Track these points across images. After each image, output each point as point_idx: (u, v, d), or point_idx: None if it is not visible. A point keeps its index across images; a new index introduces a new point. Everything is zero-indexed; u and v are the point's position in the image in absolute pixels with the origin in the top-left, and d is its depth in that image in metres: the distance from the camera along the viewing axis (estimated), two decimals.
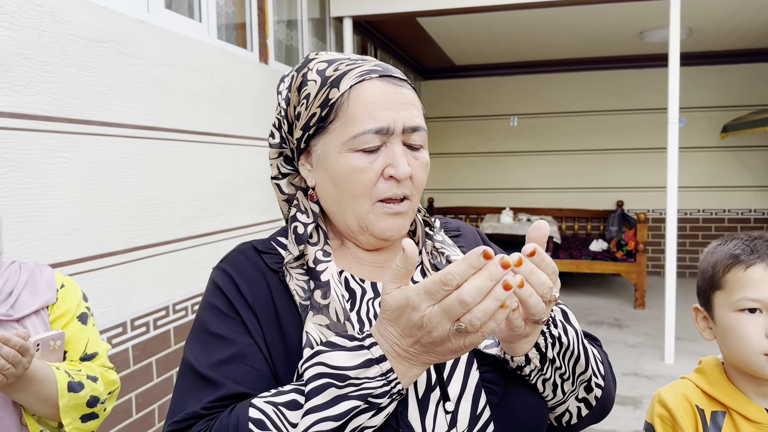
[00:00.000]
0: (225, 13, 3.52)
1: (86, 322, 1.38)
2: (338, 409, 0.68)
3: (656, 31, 6.03)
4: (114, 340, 2.40)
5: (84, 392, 1.25)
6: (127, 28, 2.49)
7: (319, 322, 0.79)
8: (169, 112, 2.75)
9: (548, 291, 0.67)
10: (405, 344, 0.68)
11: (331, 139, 0.84)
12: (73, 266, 2.19)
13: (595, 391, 0.86)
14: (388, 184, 0.83)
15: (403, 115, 0.84)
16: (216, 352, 0.79)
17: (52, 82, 2.11)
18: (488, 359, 0.84)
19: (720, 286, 1.05)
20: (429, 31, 6.14)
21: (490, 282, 0.62)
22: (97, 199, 2.31)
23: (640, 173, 7.69)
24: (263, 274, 0.86)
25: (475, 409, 0.81)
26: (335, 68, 0.85)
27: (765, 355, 0.99)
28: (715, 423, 1.04)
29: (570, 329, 0.80)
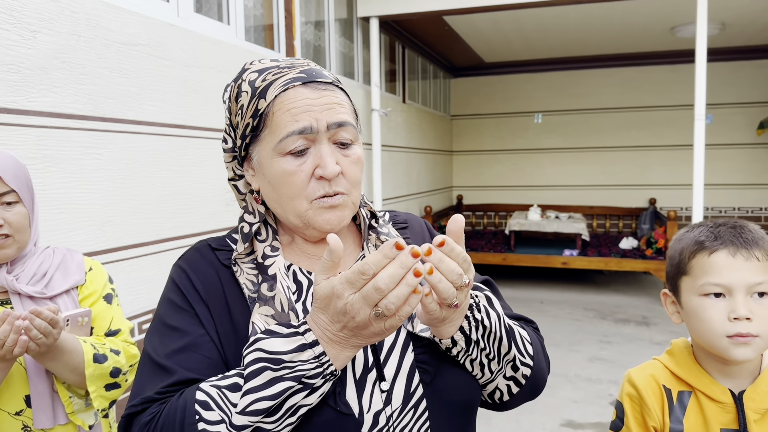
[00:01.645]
0: (253, 16, 3.66)
1: (111, 302, 1.52)
2: (274, 390, 0.75)
3: (688, 27, 5.96)
4: (144, 325, 2.56)
5: (107, 363, 1.38)
6: (157, 31, 2.63)
7: (265, 312, 0.86)
8: (198, 111, 2.90)
9: (458, 277, 0.73)
10: (335, 329, 0.75)
11: (264, 146, 0.90)
12: (107, 255, 2.35)
13: (522, 369, 0.93)
14: (320, 183, 0.88)
15: (327, 114, 0.87)
16: (171, 343, 0.86)
17: (87, 83, 2.27)
18: (423, 341, 0.91)
19: (686, 271, 1.10)
20: (457, 29, 6.19)
21: (401, 270, 0.70)
22: (129, 193, 2.47)
23: (673, 170, 7.60)
24: (216, 270, 0.92)
25: (409, 388, 0.88)
26: (263, 78, 0.90)
27: (728, 338, 1.03)
28: (681, 402, 1.10)
29: (492, 313, 0.87)
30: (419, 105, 7.06)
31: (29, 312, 1.22)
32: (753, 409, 1.05)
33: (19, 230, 1.36)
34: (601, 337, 5.16)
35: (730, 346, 1.03)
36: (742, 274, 1.03)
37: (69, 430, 1.39)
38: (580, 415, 3.66)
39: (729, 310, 1.03)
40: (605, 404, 3.78)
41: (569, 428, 3.49)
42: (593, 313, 5.96)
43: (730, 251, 1.05)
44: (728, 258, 1.04)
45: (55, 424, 1.36)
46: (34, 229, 1.44)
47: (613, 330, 5.38)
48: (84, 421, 1.41)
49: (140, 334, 2.54)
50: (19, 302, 1.36)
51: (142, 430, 0.80)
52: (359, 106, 4.93)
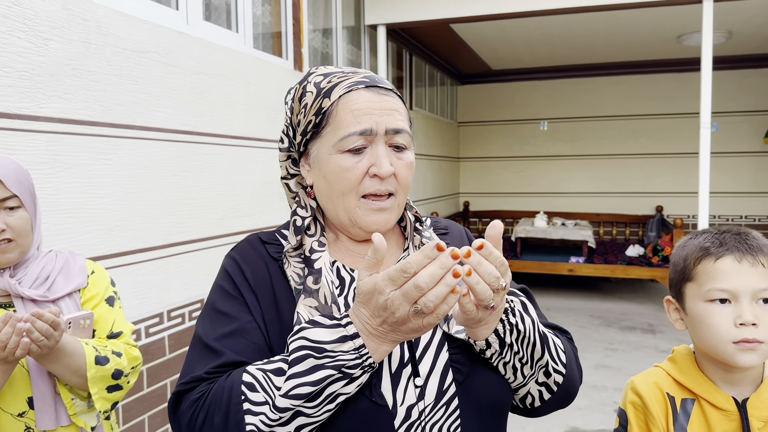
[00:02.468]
0: (261, 23, 3.69)
1: (113, 304, 1.54)
2: (315, 376, 0.79)
3: (694, 35, 5.96)
4: (151, 329, 2.58)
5: (109, 365, 1.40)
6: (166, 39, 2.66)
7: (309, 304, 0.91)
8: (206, 118, 2.92)
9: (495, 280, 0.77)
10: (375, 323, 0.80)
11: (324, 142, 0.96)
12: (115, 259, 2.37)
13: (555, 376, 0.96)
14: (373, 181, 0.94)
15: (386, 120, 0.93)
16: (220, 327, 0.92)
17: (97, 90, 2.30)
18: (457, 342, 0.94)
19: (691, 277, 1.11)
20: (463, 36, 6.21)
21: (441, 270, 0.73)
22: (137, 198, 2.49)
23: (680, 178, 7.59)
24: (265, 262, 0.98)
25: (442, 385, 0.91)
26: (329, 80, 0.97)
27: (734, 344, 1.04)
28: (684, 410, 1.11)
29: (527, 318, 0.90)
30: (426, 112, 7.08)
31: (31, 314, 1.24)
32: (757, 417, 1.06)
33: (21, 234, 1.38)
34: (607, 344, 5.15)
35: (736, 352, 1.04)
36: (748, 279, 1.03)
37: (71, 431, 1.41)
38: (585, 422, 3.65)
39: (735, 315, 1.04)
40: (610, 411, 3.77)
41: None
42: (599, 320, 5.95)
43: (735, 257, 1.05)
44: (734, 264, 1.05)
45: (57, 426, 1.38)
46: (37, 233, 1.46)
47: (618, 337, 5.37)
48: (86, 422, 1.42)
49: (147, 338, 2.55)
50: (21, 305, 1.38)
51: (192, 406, 0.85)
52: None
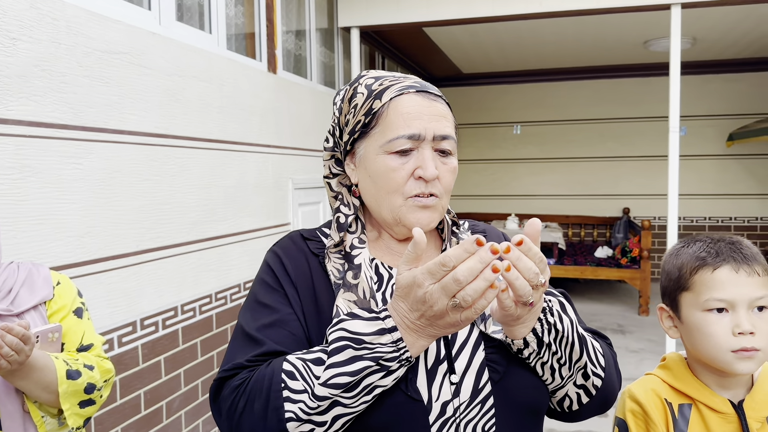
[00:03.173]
0: (234, 24, 3.63)
1: (81, 316, 1.47)
2: (353, 367, 0.81)
3: (660, 41, 6.08)
4: (124, 338, 2.50)
5: (81, 380, 1.34)
6: (139, 40, 2.59)
7: (348, 298, 0.93)
8: (179, 120, 2.86)
9: (534, 276, 0.76)
10: (413, 317, 0.80)
11: (372, 142, 0.98)
12: (86, 267, 2.29)
13: (593, 379, 0.95)
14: (417, 183, 0.95)
15: (434, 125, 0.95)
16: (262, 318, 0.95)
17: (67, 92, 2.22)
18: (494, 342, 0.94)
19: (687, 287, 1.11)
20: (436, 40, 6.23)
21: (480, 264, 0.74)
22: (109, 204, 2.42)
23: (646, 181, 7.73)
24: (306, 257, 1.01)
25: (478, 383, 0.91)
26: (380, 83, 0.99)
27: (732, 352, 1.05)
28: (682, 415, 1.11)
29: (565, 318, 0.90)
30: None
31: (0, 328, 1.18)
32: (754, 417, 1.07)
33: None
34: None
35: (735, 360, 1.05)
36: (745, 289, 1.04)
37: None
38: (559, 423, 3.67)
39: (733, 325, 1.05)
40: None
41: None
42: None
43: (733, 267, 1.06)
44: (731, 274, 1.06)
45: None
46: None
47: None
48: None
49: (119, 348, 2.48)
50: None
51: (233, 392, 0.87)
52: None
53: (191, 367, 2.99)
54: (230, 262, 3.24)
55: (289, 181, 3.97)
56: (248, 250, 3.45)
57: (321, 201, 4.49)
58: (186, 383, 2.95)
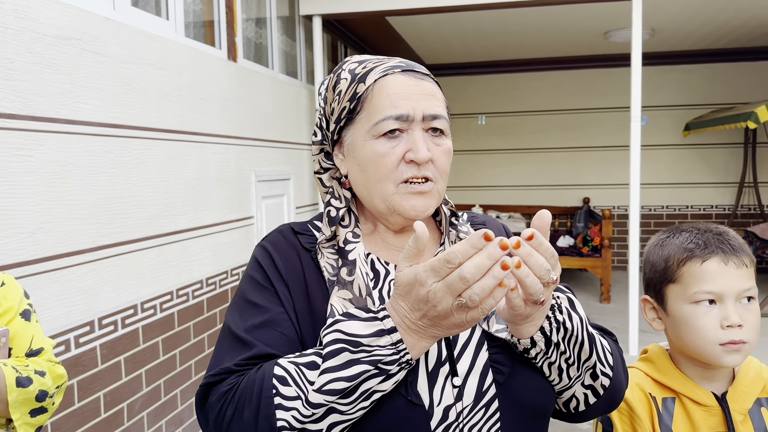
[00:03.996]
0: (193, 11, 3.50)
1: (29, 318, 1.38)
2: (350, 371, 0.75)
3: (620, 32, 6.16)
4: (81, 339, 2.39)
5: (32, 387, 1.25)
6: (92, 25, 2.47)
7: (343, 296, 0.88)
8: (136, 110, 2.74)
9: (546, 273, 0.71)
10: (414, 318, 0.75)
11: (359, 128, 0.92)
12: (39, 265, 2.17)
13: (602, 379, 0.90)
14: (409, 167, 0.89)
15: (423, 104, 0.90)
16: (251, 318, 0.89)
17: (15, 79, 2.09)
18: (498, 342, 0.89)
19: (674, 279, 1.09)
20: (399, 30, 6.17)
21: (488, 261, 0.68)
22: (63, 198, 2.30)
23: (606, 171, 7.84)
24: (297, 252, 0.95)
25: (482, 386, 0.86)
26: (363, 66, 0.94)
27: (720, 345, 1.03)
28: (666, 409, 1.09)
29: (575, 316, 0.85)
30: None
31: None
32: (737, 410, 1.06)
33: None
34: None
35: (723, 353, 1.03)
36: (734, 281, 1.02)
37: None
38: None
39: (721, 317, 1.03)
40: None
41: None
42: None
43: (722, 259, 1.04)
44: (720, 265, 1.04)
45: None
46: None
47: None
48: None
49: (77, 349, 2.37)
50: None
51: (220, 399, 0.81)
52: (302, 105, 4.83)
53: (153, 366, 2.88)
54: (192, 257, 3.14)
55: (251, 173, 3.87)
56: (210, 245, 3.35)
57: (285, 194, 4.40)
58: (148, 383, 2.84)
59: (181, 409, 3.14)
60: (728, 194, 7.61)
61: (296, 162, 4.60)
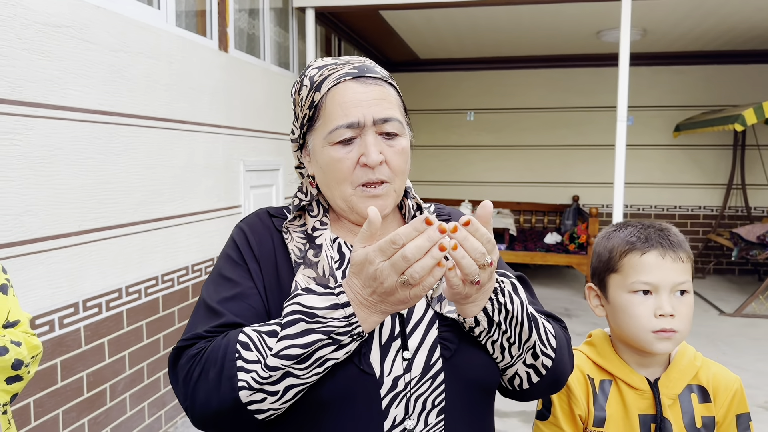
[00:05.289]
0: (185, 1, 3.55)
1: (6, 292, 1.45)
2: (305, 340, 0.83)
3: (612, 32, 6.21)
4: (66, 320, 2.45)
5: (9, 356, 1.33)
6: (82, 13, 2.52)
7: (308, 274, 0.96)
8: (125, 98, 2.79)
9: (481, 256, 0.79)
10: (365, 294, 0.83)
11: (317, 135, 1.00)
12: (26, 246, 2.23)
13: (543, 359, 0.97)
14: (364, 170, 0.96)
15: (374, 110, 0.96)
16: (223, 291, 0.97)
17: (5, 65, 2.15)
18: (448, 321, 0.97)
19: (615, 269, 1.16)
20: (392, 24, 6.22)
21: (428, 243, 0.76)
22: (50, 182, 2.35)
23: (596, 169, 7.91)
24: (270, 234, 1.04)
25: (429, 360, 0.94)
26: (321, 73, 1.00)
27: (652, 333, 1.10)
28: (602, 390, 1.17)
29: (516, 299, 0.92)
30: None
31: None
32: (666, 394, 1.13)
33: None
34: None
35: (654, 340, 1.10)
36: (670, 274, 1.10)
37: None
38: (504, 403, 3.77)
39: (655, 307, 1.10)
40: None
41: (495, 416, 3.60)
42: None
43: (660, 253, 1.11)
44: (658, 259, 1.11)
45: None
46: None
47: None
48: None
49: (61, 329, 2.43)
50: None
51: (189, 361, 0.90)
52: None
53: (136, 349, 2.95)
54: (178, 244, 3.20)
55: (240, 163, 3.92)
56: (197, 232, 3.41)
57: (274, 184, 4.46)
58: (131, 366, 2.91)
59: (164, 392, 3.21)
60: (716, 195, 7.69)
61: (286, 153, 4.66)
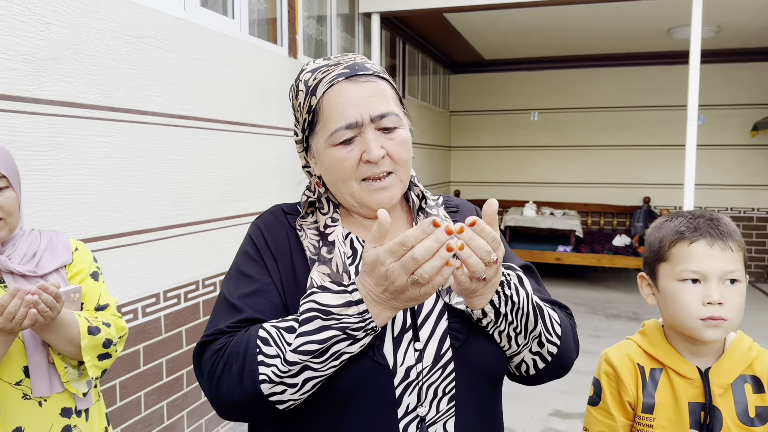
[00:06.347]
0: (257, 10, 3.73)
1: (98, 279, 1.61)
2: (322, 335, 0.88)
3: (684, 29, 6.04)
4: (148, 309, 2.65)
5: (100, 335, 1.48)
6: (164, 24, 2.71)
7: (322, 271, 1.00)
8: (202, 103, 2.98)
9: (486, 254, 0.83)
10: (377, 291, 0.87)
11: (318, 138, 1.03)
12: (113, 240, 2.43)
13: (548, 347, 1.02)
14: (367, 166, 1.00)
15: (371, 107, 0.99)
16: (243, 287, 1.01)
17: (97, 74, 2.35)
18: (457, 312, 1.01)
19: (665, 258, 1.19)
20: (456, 26, 6.27)
21: (436, 244, 0.80)
22: (135, 181, 2.55)
23: (668, 169, 7.68)
24: (286, 231, 1.07)
25: (440, 350, 0.98)
26: (314, 77, 1.03)
27: (701, 320, 1.13)
28: (653, 378, 1.20)
29: (522, 291, 0.97)
30: (418, 100, 7.14)
31: (37, 287, 1.31)
32: (717, 384, 1.15)
33: (10, 213, 1.44)
34: (592, 331, 5.27)
35: (703, 327, 1.13)
36: (718, 263, 1.12)
37: (64, 397, 1.49)
38: (567, 405, 3.76)
39: (703, 295, 1.13)
40: None
41: (557, 417, 3.59)
42: (584, 308, 6.06)
43: (708, 242, 1.14)
44: (706, 248, 1.14)
45: (52, 393, 1.45)
46: (21, 212, 1.52)
47: (603, 325, 5.49)
48: (77, 389, 1.50)
49: (143, 317, 2.62)
50: (12, 281, 1.44)
51: (213, 356, 0.95)
52: None
53: None
54: None
55: None
56: None
57: None
58: None
59: None
60: None
61: None
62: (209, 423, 3.16)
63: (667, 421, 1.17)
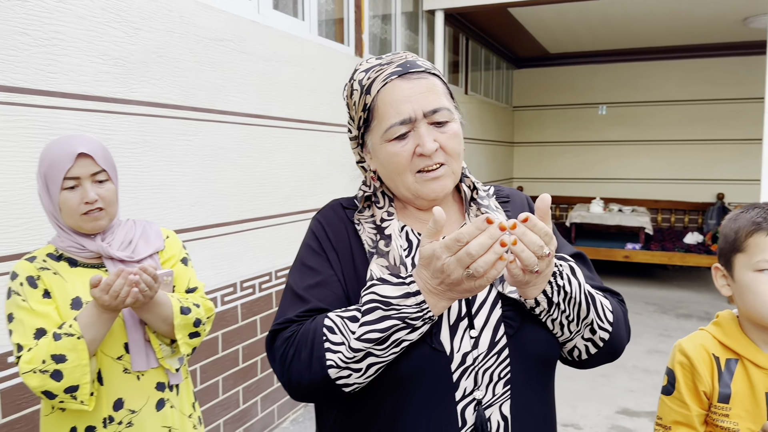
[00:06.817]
0: (325, 11, 3.84)
1: (187, 264, 1.74)
2: (383, 325, 0.94)
3: (761, 17, 5.80)
4: (226, 298, 2.79)
5: (191, 315, 1.60)
6: (240, 27, 2.84)
7: (381, 263, 1.06)
8: (275, 103, 3.10)
9: (539, 249, 0.87)
10: (434, 284, 0.92)
11: (374, 135, 1.09)
12: (195, 232, 2.58)
13: (600, 333, 1.06)
14: (421, 158, 1.05)
15: (423, 103, 1.04)
16: (308, 279, 1.08)
17: (180, 76, 2.49)
18: (510, 301, 1.05)
19: (741, 249, 1.20)
20: (521, 20, 6.22)
21: (490, 240, 0.84)
22: (215, 177, 2.69)
23: (743, 165, 7.39)
24: (345, 225, 1.13)
25: (495, 337, 1.03)
26: (368, 76, 1.08)
27: None
28: (728, 369, 1.20)
29: (574, 280, 1.01)
30: (481, 96, 7.12)
31: (138, 268, 1.43)
32: None
33: (110, 204, 1.57)
34: (662, 330, 5.14)
35: None
36: None
37: (159, 372, 1.62)
38: (636, 403, 3.70)
39: None
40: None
41: (624, 416, 3.55)
42: (654, 307, 5.92)
43: None
44: None
45: (148, 367, 1.58)
46: (118, 203, 1.66)
47: (673, 324, 5.35)
48: (171, 365, 1.63)
49: (222, 306, 2.77)
50: (112, 266, 1.57)
51: (284, 343, 1.02)
52: None
53: None
54: None
55: None
56: None
57: None
58: None
59: None
60: None
61: None
62: (281, 408, 3.29)
63: (744, 411, 1.17)
